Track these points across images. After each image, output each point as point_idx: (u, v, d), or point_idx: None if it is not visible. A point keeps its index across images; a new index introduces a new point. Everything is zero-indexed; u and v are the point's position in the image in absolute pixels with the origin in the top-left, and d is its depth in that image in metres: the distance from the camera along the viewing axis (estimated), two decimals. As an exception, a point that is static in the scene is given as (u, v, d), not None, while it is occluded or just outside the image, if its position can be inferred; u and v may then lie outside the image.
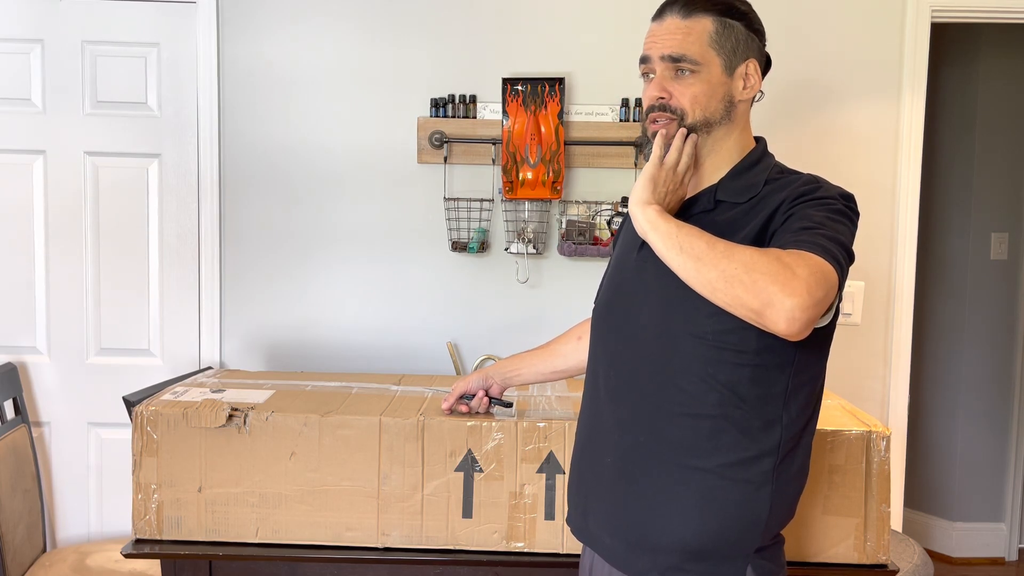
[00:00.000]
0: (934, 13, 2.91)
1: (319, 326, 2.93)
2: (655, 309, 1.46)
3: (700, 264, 1.31)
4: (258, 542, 1.91)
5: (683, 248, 1.33)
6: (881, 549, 1.84)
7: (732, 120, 1.50)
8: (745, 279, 1.27)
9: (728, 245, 1.31)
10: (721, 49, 1.47)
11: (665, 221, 1.37)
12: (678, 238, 1.34)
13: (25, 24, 2.85)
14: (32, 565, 2.67)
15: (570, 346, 1.87)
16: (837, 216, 1.38)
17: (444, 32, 2.88)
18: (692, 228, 1.35)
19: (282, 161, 2.90)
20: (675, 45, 1.47)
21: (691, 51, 1.46)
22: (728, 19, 1.48)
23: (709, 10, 1.48)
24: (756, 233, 1.40)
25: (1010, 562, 3.90)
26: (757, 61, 1.50)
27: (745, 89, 1.50)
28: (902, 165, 2.93)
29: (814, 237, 1.32)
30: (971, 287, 3.85)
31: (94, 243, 2.90)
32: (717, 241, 1.32)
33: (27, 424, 2.81)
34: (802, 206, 1.39)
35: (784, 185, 1.45)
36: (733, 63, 1.48)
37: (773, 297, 1.25)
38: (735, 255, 1.29)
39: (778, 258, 1.28)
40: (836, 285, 1.31)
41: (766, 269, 1.26)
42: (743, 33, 1.49)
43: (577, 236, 2.83)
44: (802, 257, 1.28)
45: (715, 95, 1.47)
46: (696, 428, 1.42)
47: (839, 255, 1.32)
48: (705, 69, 1.47)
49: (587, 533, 1.57)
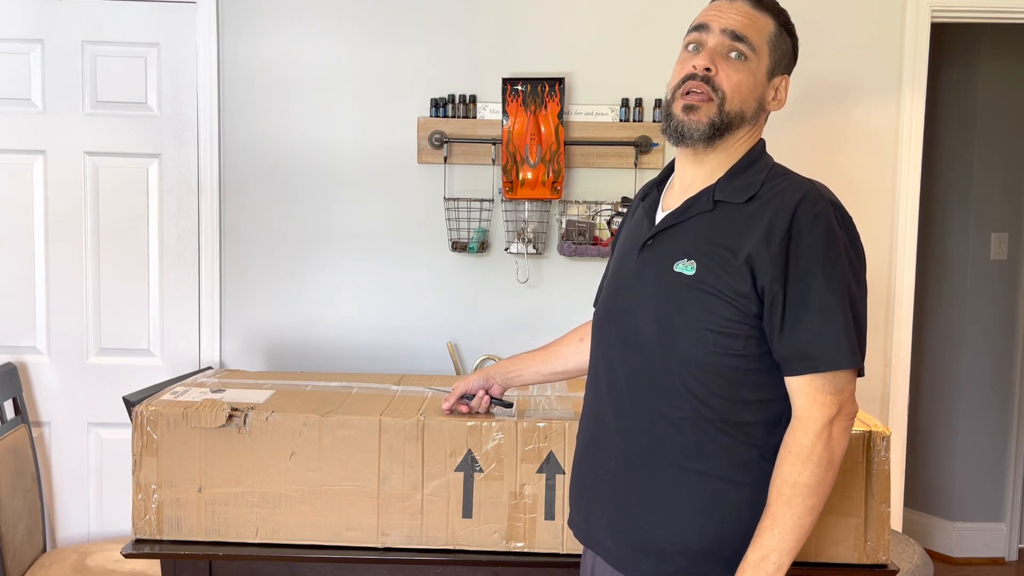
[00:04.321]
0: (934, 13, 2.91)
1: (319, 326, 2.93)
2: (654, 313, 1.45)
3: (810, 513, 1.37)
4: (258, 542, 1.91)
5: (798, 508, 1.36)
6: (881, 549, 1.84)
7: (756, 124, 1.51)
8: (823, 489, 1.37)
9: (794, 495, 1.36)
10: (773, 51, 1.49)
11: (777, 542, 1.37)
12: (790, 517, 1.36)
13: (25, 24, 2.85)
14: (32, 565, 2.67)
15: (571, 348, 1.87)
16: (840, 264, 1.38)
17: (444, 32, 2.88)
18: (773, 511, 1.37)
19: (282, 161, 2.90)
20: (741, 25, 1.47)
21: (753, 37, 1.46)
22: (784, 29, 1.51)
23: (774, 14, 1.50)
24: (754, 246, 1.38)
25: (1010, 562, 3.90)
26: (789, 80, 1.53)
27: (774, 101, 1.52)
28: (902, 165, 2.93)
29: (827, 325, 1.36)
30: (971, 287, 3.84)
31: (94, 243, 2.90)
32: (786, 495, 1.36)
33: (27, 424, 2.81)
34: (805, 271, 1.37)
35: (781, 194, 1.42)
36: (775, 71, 1.50)
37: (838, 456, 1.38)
38: (807, 499, 1.36)
39: (825, 462, 1.37)
40: (855, 379, 1.40)
41: (823, 479, 1.37)
42: (789, 49, 1.52)
43: (577, 236, 2.83)
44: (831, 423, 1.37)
45: (754, 92, 1.48)
46: (698, 432, 1.42)
47: (851, 332, 1.37)
48: (755, 61, 1.47)
49: (589, 536, 1.57)
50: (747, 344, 1.40)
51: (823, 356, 1.36)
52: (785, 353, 1.38)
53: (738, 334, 1.39)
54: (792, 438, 1.38)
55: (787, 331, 1.37)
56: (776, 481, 1.37)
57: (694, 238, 1.44)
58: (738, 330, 1.39)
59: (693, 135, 1.46)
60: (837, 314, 1.36)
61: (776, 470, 1.38)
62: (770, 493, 1.38)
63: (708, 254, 1.41)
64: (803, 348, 1.36)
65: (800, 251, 1.37)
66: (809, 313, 1.36)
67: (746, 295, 1.38)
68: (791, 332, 1.37)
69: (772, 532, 1.35)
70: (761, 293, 1.38)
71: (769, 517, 1.36)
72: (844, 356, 1.36)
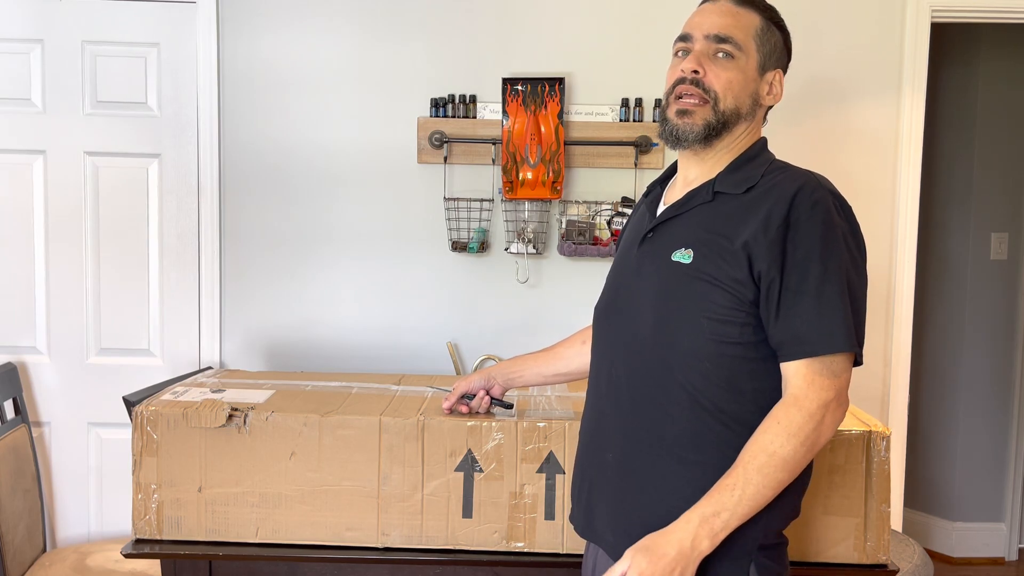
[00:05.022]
0: (934, 13, 2.91)
1: (319, 326, 2.93)
2: (653, 306, 1.46)
3: (776, 488, 1.37)
4: (258, 542, 1.91)
5: (767, 478, 1.35)
6: (881, 549, 1.84)
7: (754, 120, 1.52)
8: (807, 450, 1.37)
9: (766, 455, 1.36)
10: (761, 46, 1.50)
11: (733, 503, 1.36)
12: (756, 484, 1.36)
13: (25, 24, 2.85)
14: (32, 565, 2.67)
15: (573, 349, 1.87)
16: (838, 251, 1.38)
17: (444, 32, 2.88)
18: (741, 473, 1.36)
19: (282, 161, 2.90)
20: (724, 26, 1.48)
21: (737, 36, 1.48)
22: (772, 24, 1.51)
23: (760, 9, 1.51)
24: (752, 233, 1.39)
25: (1010, 562, 3.90)
26: (783, 74, 1.54)
27: (769, 95, 1.52)
28: (902, 165, 2.93)
29: (824, 311, 1.35)
30: (971, 287, 3.84)
31: (94, 243, 2.90)
32: (760, 461, 1.36)
33: (27, 424, 2.81)
34: (803, 257, 1.37)
35: (780, 184, 1.43)
36: (766, 65, 1.51)
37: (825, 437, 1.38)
38: (778, 459, 1.36)
39: (812, 428, 1.36)
40: (851, 368, 1.40)
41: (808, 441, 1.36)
42: (780, 43, 1.53)
43: (577, 236, 2.83)
44: (820, 394, 1.36)
45: (747, 88, 1.49)
46: (696, 423, 1.42)
47: (849, 319, 1.37)
48: (744, 58, 1.48)
49: (590, 530, 1.57)
50: (743, 332, 1.40)
51: (819, 340, 1.36)
52: (781, 338, 1.38)
53: (734, 321, 1.40)
54: (783, 411, 1.37)
55: (783, 316, 1.37)
56: (752, 447, 1.36)
57: (693, 228, 1.46)
58: (734, 317, 1.40)
59: (688, 138, 1.48)
60: (834, 300, 1.36)
61: (755, 436, 1.37)
62: (742, 456, 1.36)
63: (706, 243, 1.42)
64: (799, 333, 1.36)
65: (798, 238, 1.37)
66: (806, 298, 1.36)
67: (742, 281, 1.39)
68: (787, 317, 1.37)
69: (732, 492, 1.35)
70: (757, 279, 1.38)
71: (733, 477, 1.35)
72: (840, 340, 1.36)
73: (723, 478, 1.37)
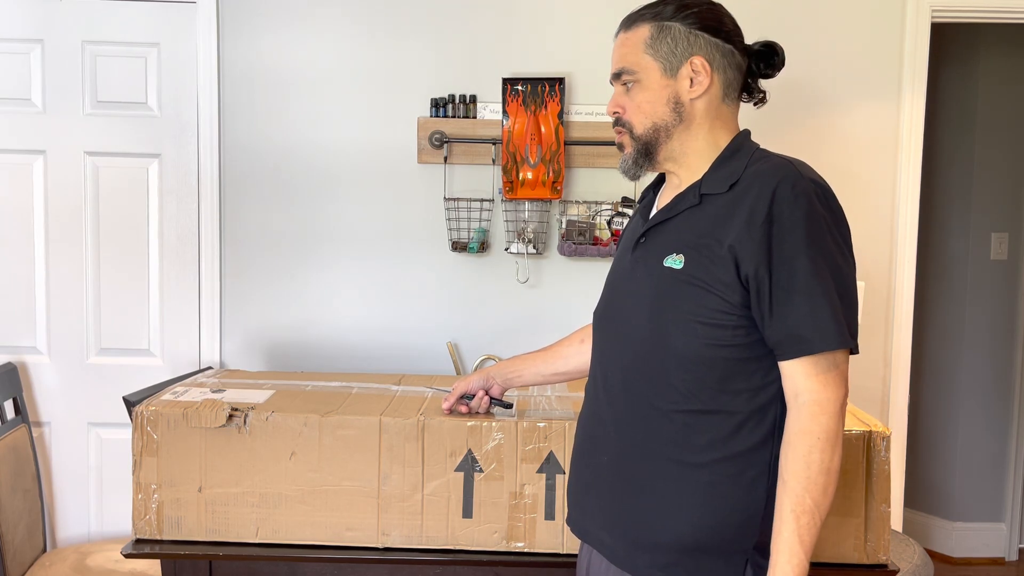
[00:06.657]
0: (934, 13, 2.91)
1: (319, 326, 2.93)
2: (647, 308, 1.47)
3: (821, 505, 1.36)
4: (258, 542, 1.91)
5: (815, 520, 1.35)
6: (881, 549, 1.84)
7: (689, 120, 1.50)
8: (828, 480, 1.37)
9: (802, 487, 1.35)
10: (657, 53, 1.49)
11: (802, 550, 1.35)
12: (809, 530, 1.35)
13: (25, 24, 2.85)
14: (32, 565, 2.67)
15: (572, 348, 1.87)
16: (824, 243, 1.38)
17: (444, 32, 2.88)
18: (794, 521, 1.35)
19: (282, 161, 2.90)
20: (617, 60, 1.54)
21: (627, 62, 1.51)
22: (665, 22, 1.49)
23: (648, 18, 1.51)
24: (736, 235, 1.38)
25: (1010, 562, 3.90)
26: (705, 58, 1.48)
27: (693, 87, 1.49)
28: (902, 165, 2.93)
29: (817, 307, 1.35)
30: (971, 287, 3.84)
31: (94, 243, 2.90)
32: (799, 497, 1.35)
33: (27, 424, 2.81)
34: (790, 253, 1.37)
35: (761, 176, 1.42)
36: (673, 64, 1.49)
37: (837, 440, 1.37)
38: (812, 488, 1.35)
39: (819, 446, 1.35)
40: (848, 359, 1.39)
41: (825, 467, 1.36)
42: (682, 32, 1.49)
43: (577, 236, 2.83)
44: (822, 402, 1.36)
45: (659, 100, 1.49)
46: (690, 424, 1.43)
47: (839, 313, 1.36)
48: (644, 76, 1.50)
49: (586, 531, 1.58)
50: (735, 334, 1.40)
51: (815, 337, 1.35)
52: (777, 337, 1.38)
53: (726, 324, 1.40)
54: (815, 423, 1.35)
55: (776, 315, 1.37)
56: (809, 470, 1.34)
57: (683, 232, 1.46)
58: (726, 320, 1.40)
59: (631, 171, 1.55)
60: (825, 294, 1.36)
61: (802, 459, 1.35)
62: (799, 483, 1.35)
63: (696, 247, 1.42)
64: (794, 331, 1.36)
65: (783, 234, 1.37)
66: (797, 296, 1.36)
67: (730, 284, 1.39)
68: (781, 315, 1.37)
69: (811, 527, 1.35)
70: (745, 281, 1.38)
71: (807, 514, 1.34)
72: (836, 336, 1.36)
73: (797, 516, 1.35)
